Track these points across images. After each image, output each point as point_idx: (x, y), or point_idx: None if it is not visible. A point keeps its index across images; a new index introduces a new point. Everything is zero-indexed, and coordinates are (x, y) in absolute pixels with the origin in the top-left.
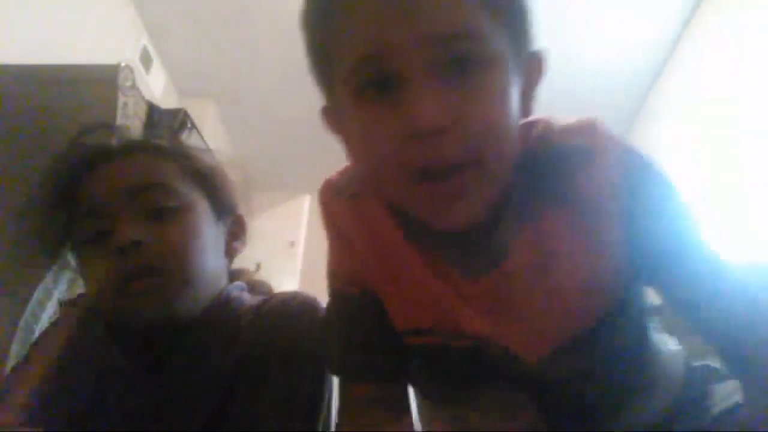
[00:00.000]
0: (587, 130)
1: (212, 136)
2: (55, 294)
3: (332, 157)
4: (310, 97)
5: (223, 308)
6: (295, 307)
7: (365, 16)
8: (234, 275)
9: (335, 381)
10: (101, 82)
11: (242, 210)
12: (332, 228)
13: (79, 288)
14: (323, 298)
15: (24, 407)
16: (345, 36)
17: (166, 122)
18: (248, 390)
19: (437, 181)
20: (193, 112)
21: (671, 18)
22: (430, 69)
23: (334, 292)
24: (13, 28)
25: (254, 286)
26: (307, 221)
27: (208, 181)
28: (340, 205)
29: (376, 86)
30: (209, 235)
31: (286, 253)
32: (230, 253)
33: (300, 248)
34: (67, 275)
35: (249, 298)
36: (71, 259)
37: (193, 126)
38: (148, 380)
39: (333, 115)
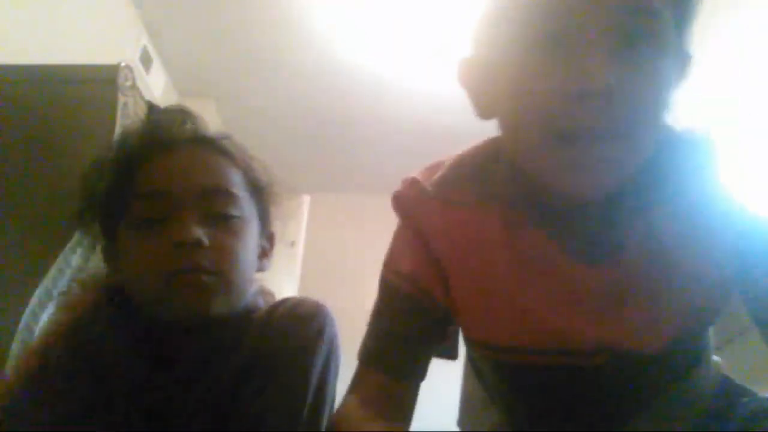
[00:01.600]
0: (705, 132)
1: None
2: (55, 294)
3: (332, 157)
4: (310, 97)
5: (240, 316)
6: (303, 314)
7: None
8: None
9: (339, 387)
10: (101, 82)
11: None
12: (410, 226)
13: (79, 288)
14: (323, 298)
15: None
16: None
17: None
18: (252, 394)
19: (580, 145)
20: None
21: None
22: (605, 35)
23: (384, 281)
24: (13, 28)
25: (263, 292)
26: (307, 221)
27: (263, 198)
28: (428, 206)
29: (548, 40)
30: (254, 248)
31: (286, 253)
32: (258, 268)
33: (300, 248)
34: (67, 275)
35: (262, 303)
36: (92, 234)
37: (191, 126)
38: (153, 380)
39: (476, 66)
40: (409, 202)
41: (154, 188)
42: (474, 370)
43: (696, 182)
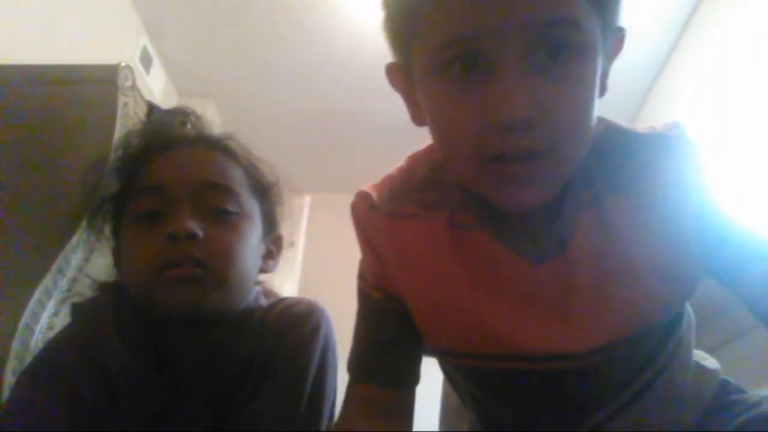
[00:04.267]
0: (661, 123)
1: None
2: (55, 294)
3: (332, 157)
4: (310, 97)
5: (240, 316)
6: (298, 313)
7: None
8: None
9: (339, 386)
10: (101, 82)
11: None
12: (363, 238)
13: (80, 287)
14: (323, 299)
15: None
16: (437, 11)
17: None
18: (249, 394)
19: (509, 163)
20: None
21: (676, 7)
22: (523, 55)
23: (360, 292)
24: (13, 28)
25: (267, 293)
26: (307, 221)
27: (267, 197)
28: (375, 221)
29: (462, 64)
30: (255, 247)
31: (286, 253)
32: (263, 269)
33: (300, 248)
34: (68, 275)
35: (263, 302)
36: (104, 232)
37: (193, 126)
38: (155, 381)
39: (401, 74)
40: (361, 215)
41: (151, 183)
42: (440, 367)
43: (659, 175)
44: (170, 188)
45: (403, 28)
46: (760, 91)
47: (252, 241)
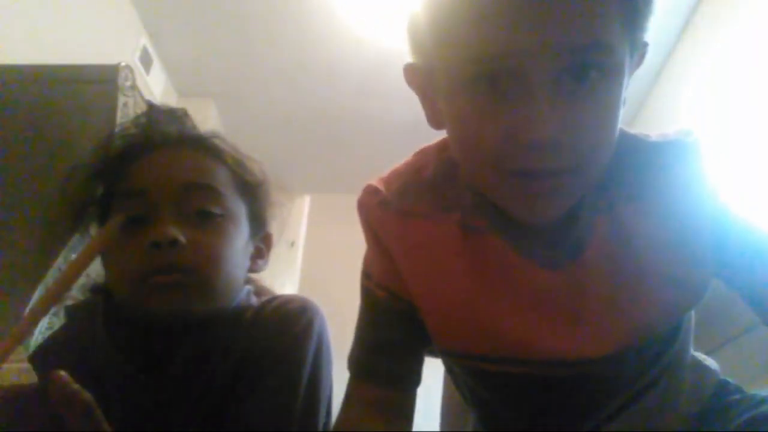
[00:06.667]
0: (686, 134)
1: None
2: None
3: (332, 157)
4: (309, 97)
5: (231, 315)
6: (291, 310)
7: (496, 13)
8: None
9: (334, 384)
10: (101, 82)
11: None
12: (371, 235)
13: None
14: (323, 298)
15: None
16: (471, 26)
17: None
18: (244, 393)
19: (532, 178)
20: (193, 112)
21: (676, 7)
22: (554, 76)
23: (364, 290)
24: (13, 28)
25: (260, 291)
26: (307, 221)
27: (254, 196)
28: (385, 218)
29: (491, 79)
30: (242, 248)
31: (286, 253)
32: (252, 269)
33: (300, 248)
34: None
35: (254, 301)
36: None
37: (178, 125)
38: (147, 382)
39: (420, 76)
40: (370, 211)
41: (134, 187)
42: (445, 367)
43: (672, 182)
44: (152, 192)
45: (430, 35)
46: (760, 91)
47: (237, 242)
